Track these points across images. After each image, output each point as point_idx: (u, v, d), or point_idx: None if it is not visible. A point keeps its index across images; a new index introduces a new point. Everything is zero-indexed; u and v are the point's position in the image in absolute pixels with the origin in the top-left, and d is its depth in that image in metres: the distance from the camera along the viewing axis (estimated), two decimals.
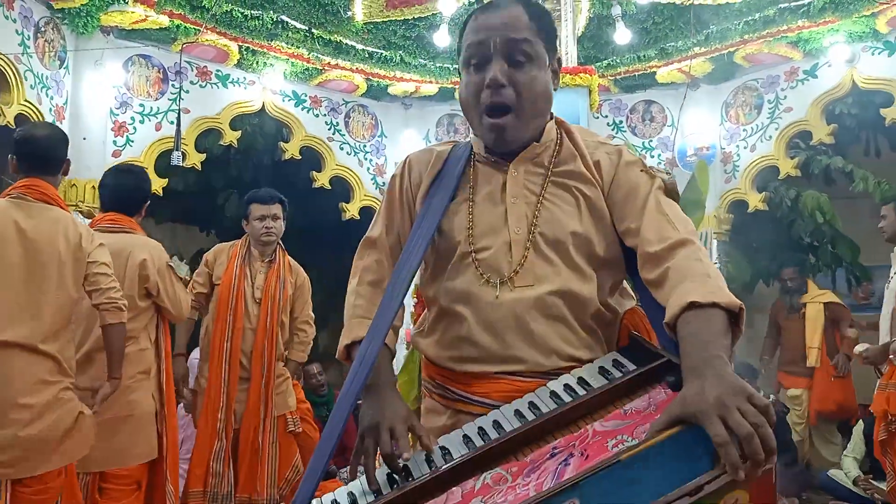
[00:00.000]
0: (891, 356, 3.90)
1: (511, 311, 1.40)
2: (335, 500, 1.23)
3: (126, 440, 3.19)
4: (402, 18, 6.31)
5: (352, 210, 6.87)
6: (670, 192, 1.46)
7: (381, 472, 1.26)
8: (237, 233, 8.26)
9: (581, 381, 1.28)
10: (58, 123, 5.10)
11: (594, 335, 1.44)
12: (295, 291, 4.10)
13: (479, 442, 1.22)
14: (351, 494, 1.23)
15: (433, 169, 1.56)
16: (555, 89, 1.51)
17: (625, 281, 1.56)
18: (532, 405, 1.26)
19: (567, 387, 1.27)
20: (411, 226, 1.54)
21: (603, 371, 1.29)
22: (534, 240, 1.42)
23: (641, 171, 1.47)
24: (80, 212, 5.12)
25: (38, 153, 2.83)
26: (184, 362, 4.03)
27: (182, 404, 4.51)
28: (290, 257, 4.18)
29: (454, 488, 1.11)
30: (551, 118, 1.55)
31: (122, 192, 3.42)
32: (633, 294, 1.56)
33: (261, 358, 3.89)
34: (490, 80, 1.40)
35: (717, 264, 5.81)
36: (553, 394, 1.26)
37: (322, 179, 6.72)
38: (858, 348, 4.38)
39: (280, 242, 4.14)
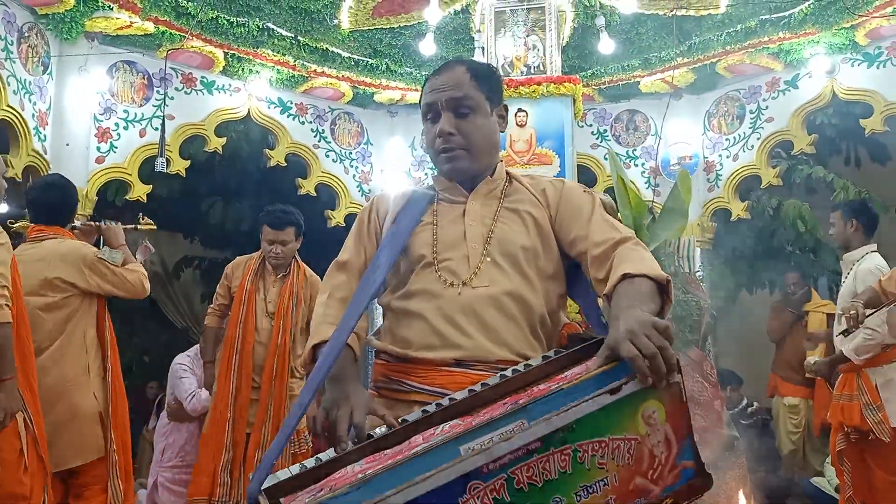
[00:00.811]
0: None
1: (469, 304, 1.60)
2: (303, 465, 1.29)
3: (68, 441, 3.16)
4: (389, 26, 6.32)
5: (337, 217, 6.86)
6: (607, 208, 1.77)
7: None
8: (221, 239, 8.28)
9: (527, 366, 1.41)
10: (41, 129, 5.08)
11: (538, 339, 1.65)
12: (309, 304, 4.02)
13: (436, 410, 1.33)
14: (318, 458, 1.30)
15: (398, 203, 1.81)
16: (502, 131, 1.83)
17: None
18: (484, 385, 1.38)
19: (515, 370, 1.40)
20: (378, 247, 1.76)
21: (546, 359, 1.43)
22: (488, 251, 1.65)
23: (584, 192, 1.75)
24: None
25: None
26: (213, 369, 4.06)
27: (165, 411, 4.49)
28: (307, 268, 4.13)
29: (415, 436, 1.23)
30: (501, 161, 1.85)
31: (50, 206, 3.41)
32: (568, 316, 1.78)
33: (271, 373, 3.86)
34: (439, 130, 1.70)
35: (700, 272, 5.84)
36: (502, 376, 1.39)
37: (307, 187, 6.71)
38: (808, 360, 4.46)
39: (297, 255, 4.10)
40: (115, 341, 3.48)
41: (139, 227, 3.97)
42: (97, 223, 3.59)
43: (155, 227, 4.06)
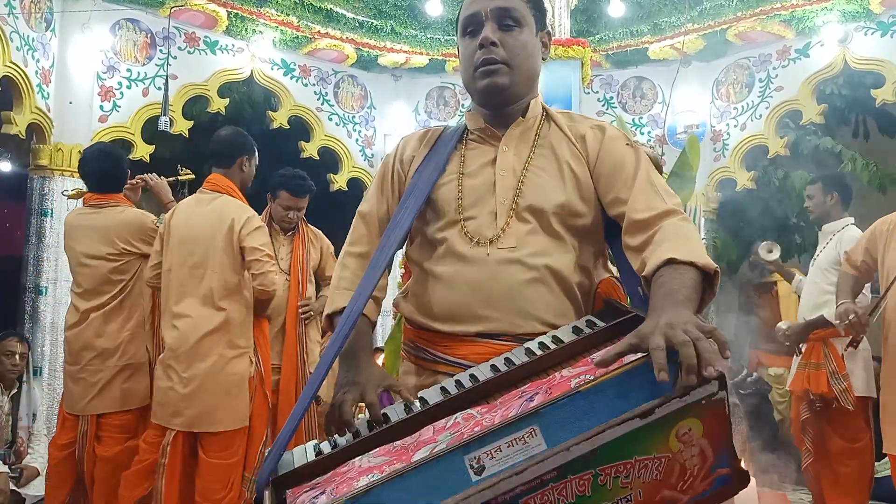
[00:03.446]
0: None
1: (495, 273, 1.48)
2: (317, 445, 1.27)
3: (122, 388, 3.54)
4: None
5: (340, 181, 6.84)
6: (654, 164, 1.56)
7: (361, 423, 1.33)
8: None
9: (555, 339, 1.34)
10: (44, 87, 5.03)
11: (573, 302, 1.52)
12: (321, 258, 4.16)
13: (454, 392, 1.28)
14: (332, 440, 1.29)
15: (426, 146, 1.66)
16: (544, 60, 1.64)
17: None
18: (507, 360, 1.32)
19: (542, 344, 1.33)
20: (401, 200, 1.63)
21: (577, 330, 1.36)
22: (516, 207, 1.51)
23: (627, 144, 1.55)
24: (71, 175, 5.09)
25: (214, 151, 3.52)
26: None
27: None
28: (311, 226, 4.22)
29: (426, 427, 1.18)
30: (537, 95, 1.65)
31: (102, 175, 3.62)
32: (609, 268, 1.63)
33: (296, 326, 3.92)
34: (482, 39, 1.53)
35: (705, 241, 5.82)
36: (528, 350, 1.33)
37: (310, 150, 6.67)
38: (781, 325, 4.34)
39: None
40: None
41: (180, 177, 4.07)
42: (141, 180, 3.78)
43: (194, 177, 4.13)
